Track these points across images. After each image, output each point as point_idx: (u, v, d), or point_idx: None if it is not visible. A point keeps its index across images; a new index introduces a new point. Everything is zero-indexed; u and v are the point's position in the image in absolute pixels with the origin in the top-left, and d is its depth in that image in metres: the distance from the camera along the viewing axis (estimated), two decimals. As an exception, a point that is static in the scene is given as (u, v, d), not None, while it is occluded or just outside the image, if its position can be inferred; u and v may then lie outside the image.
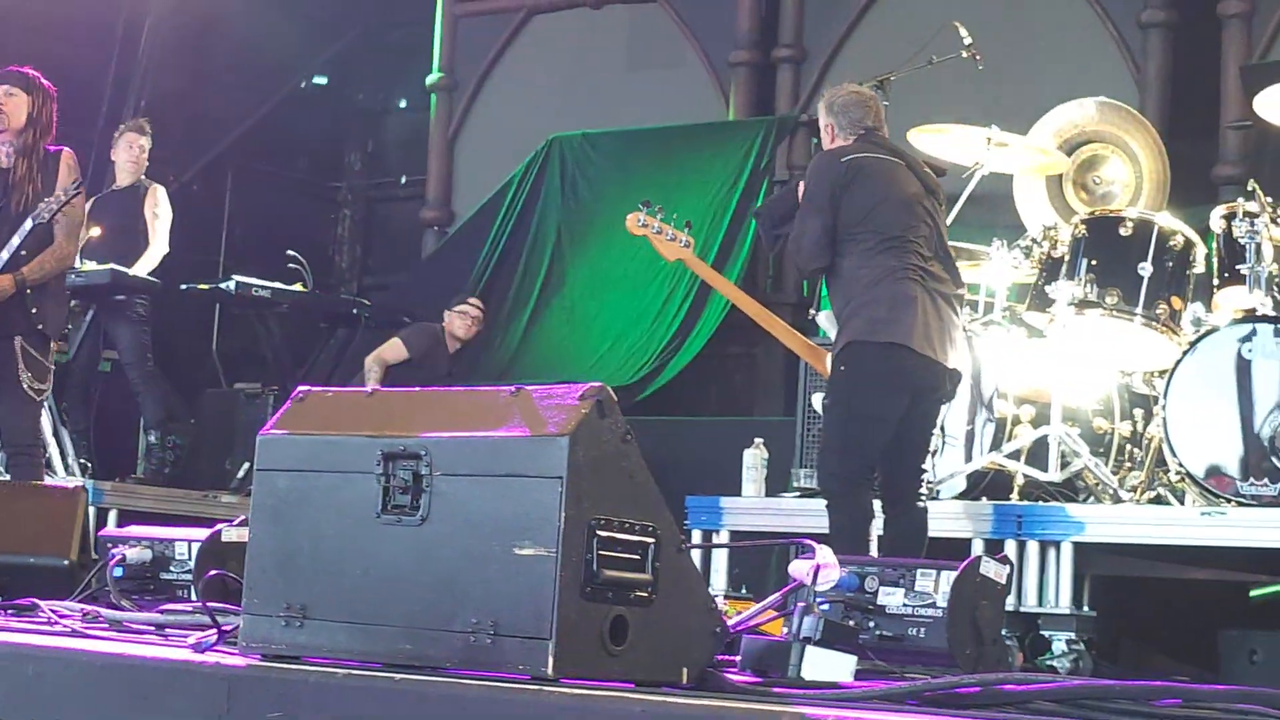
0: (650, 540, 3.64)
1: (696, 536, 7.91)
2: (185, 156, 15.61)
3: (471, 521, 3.56)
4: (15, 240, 6.82)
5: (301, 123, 17.42)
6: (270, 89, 17.03)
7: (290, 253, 10.30)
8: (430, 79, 14.66)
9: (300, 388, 4.01)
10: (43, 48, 12.85)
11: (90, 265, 9.58)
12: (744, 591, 7.72)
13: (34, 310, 7.08)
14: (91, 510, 7.58)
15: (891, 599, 4.75)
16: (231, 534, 4.84)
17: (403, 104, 16.64)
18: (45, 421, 8.64)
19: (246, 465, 9.95)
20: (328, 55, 17.07)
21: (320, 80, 17.22)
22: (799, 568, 4.12)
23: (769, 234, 6.96)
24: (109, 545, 5.13)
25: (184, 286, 10.24)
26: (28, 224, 6.84)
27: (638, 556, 3.61)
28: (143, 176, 10.12)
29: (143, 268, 9.83)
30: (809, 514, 7.36)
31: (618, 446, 3.60)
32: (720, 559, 7.95)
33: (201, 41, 15.75)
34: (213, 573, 4.38)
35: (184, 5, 14.57)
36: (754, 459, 8.19)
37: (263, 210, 17.13)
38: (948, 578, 4.71)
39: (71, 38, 13.96)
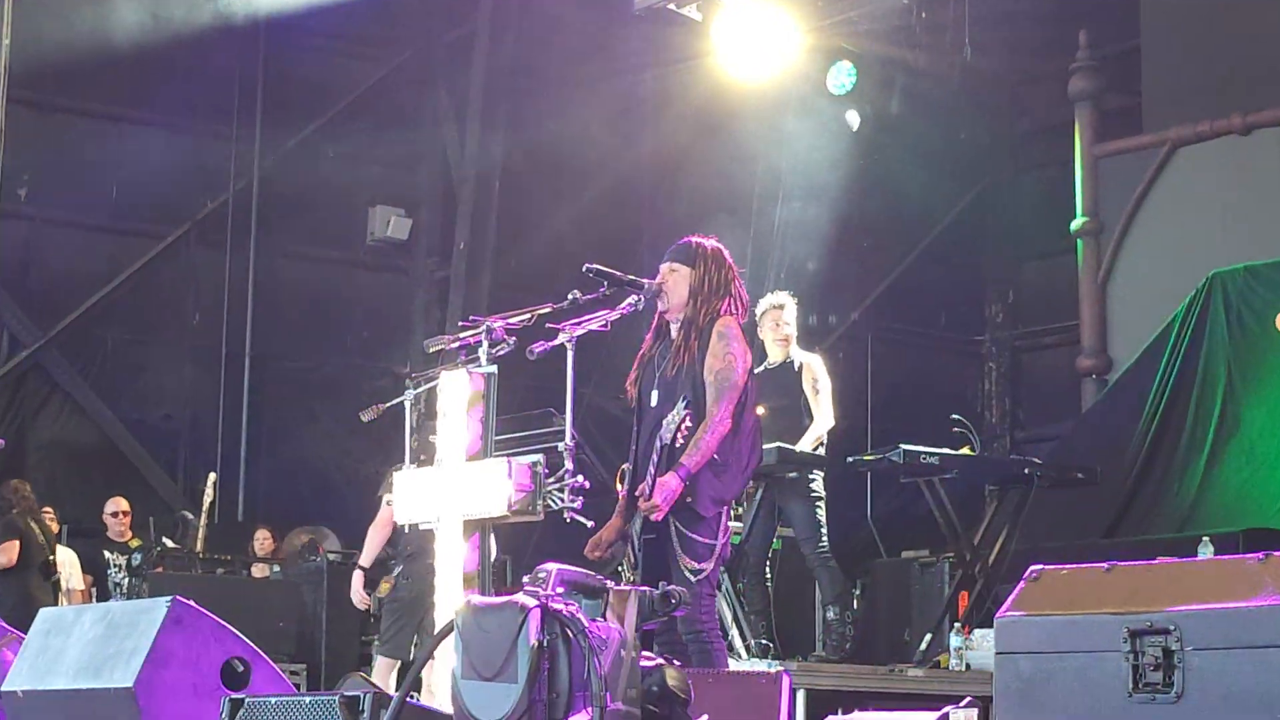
0: None
1: None
2: (821, 325, 16.22)
3: (1230, 696, 3.58)
4: (666, 436, 6.96)
5: (938, 278, 17.81)
6: (904, 247, 17.51)
7: (955, 416, 10.49)
8: (1075, 224, 14.69)
9: (1034, 567, 4.15)
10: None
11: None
12: None
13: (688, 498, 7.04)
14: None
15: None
16: (959, 715, 4.98)
17: (1041, 250, 16.70)
18: (722, 603, 8.97)
19: (929, 637, 10.06)
20: (960, 207, 17.42)
21: (954, 234, 17.53)
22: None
23: None
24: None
25: (849, 459, 10.54)
26: (657, 443, 6.90)
27: None
28: (792, 349, 10.30)
29: (808, 442, 10.10)
30: None
31: (1383, 612, 3.58)
32: None
33: (832, 211, 16.32)
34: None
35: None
36: None
37: (905, 371, 17.56)
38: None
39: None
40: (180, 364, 15.34)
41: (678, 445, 6.98)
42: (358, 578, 10.44)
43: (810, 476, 10.09)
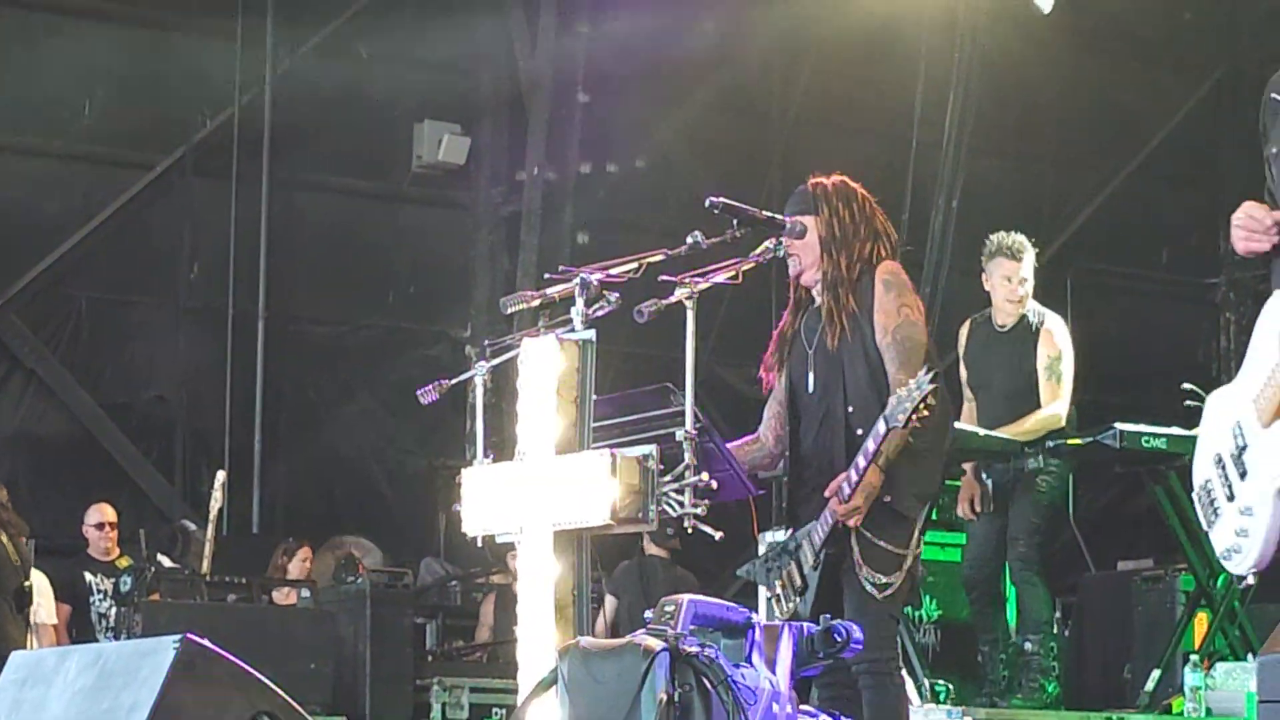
0: None
1: None
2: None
3: None
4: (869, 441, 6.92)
5: (1157, 202, 17.67)
6: (1114, 163, 17.39)
7: (1187, 385, 10.36)
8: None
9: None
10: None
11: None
12: None
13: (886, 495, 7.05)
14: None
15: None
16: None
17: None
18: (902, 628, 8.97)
19: (1157, 674, 10.03)
20: (1186, 108, 17.29)
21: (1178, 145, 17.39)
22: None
23: None
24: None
25: (1049, 442, 10.45)
26: (880, 425, 7.01)
27: None
28: (1029, 307, 10.21)
29: (1031, 429, 10.06)
30: None
31: None
32: None
33: (1019, 119, 16.23)
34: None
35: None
36: None
37: (1117, 324, 17.42)
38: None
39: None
40: (175, 330, 15.45)
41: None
42: None
43: (1041, 466, 10.15)
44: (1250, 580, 6.36)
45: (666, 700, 3.54)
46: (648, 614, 3.73)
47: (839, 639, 3.98)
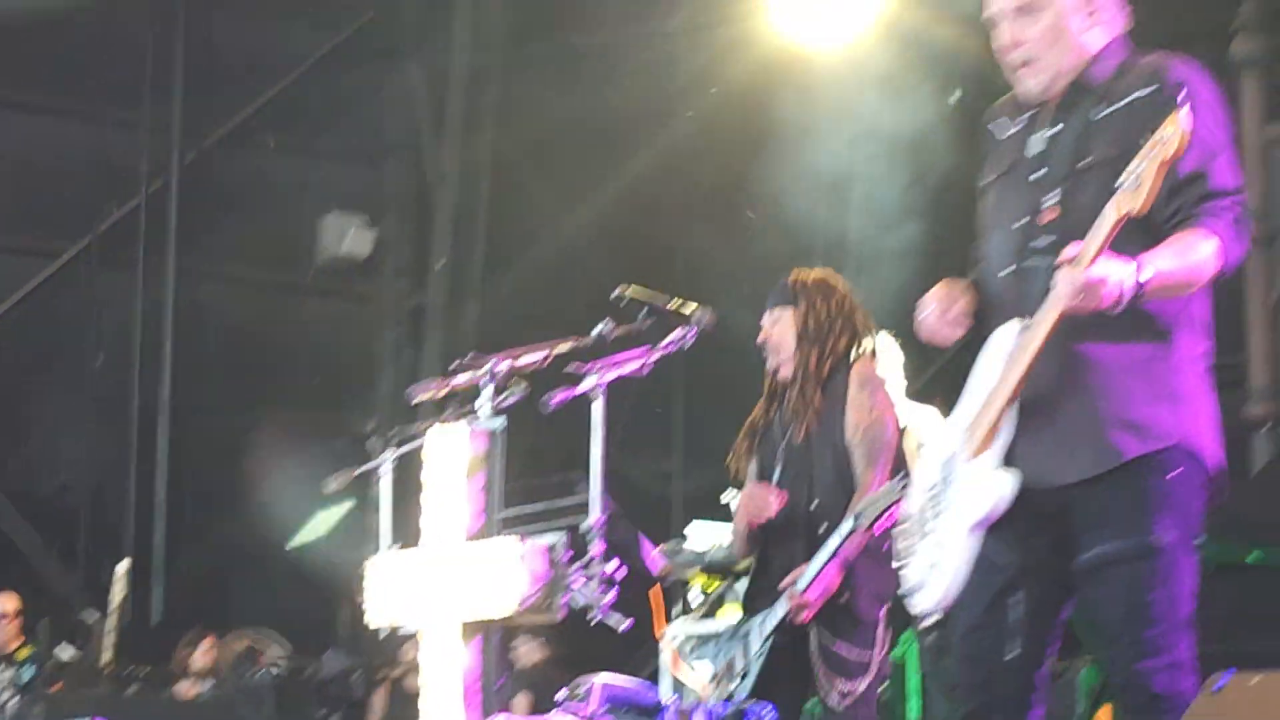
0: None
1: None
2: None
3: None
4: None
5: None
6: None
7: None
8: (1238, 236, 14.66)
9: (1219, 675, 4.12)
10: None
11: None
12: None
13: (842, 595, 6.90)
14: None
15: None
16: None
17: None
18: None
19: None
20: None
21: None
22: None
23: None
24: None
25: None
26: (846, 524, 6.72)
27: None
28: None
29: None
30: None
31: None
32: None
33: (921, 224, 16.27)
34: None
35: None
36: None
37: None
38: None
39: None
40: (79, 419, 15.33)
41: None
42: None
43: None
44: (935, 618, 6.24)
45: (580, 788, 3.52)
46: (559, 695, 3.72)
47: (750, 723, 3.97)
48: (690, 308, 7.25)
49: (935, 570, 5.16)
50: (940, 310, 5.20)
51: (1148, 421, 5.01)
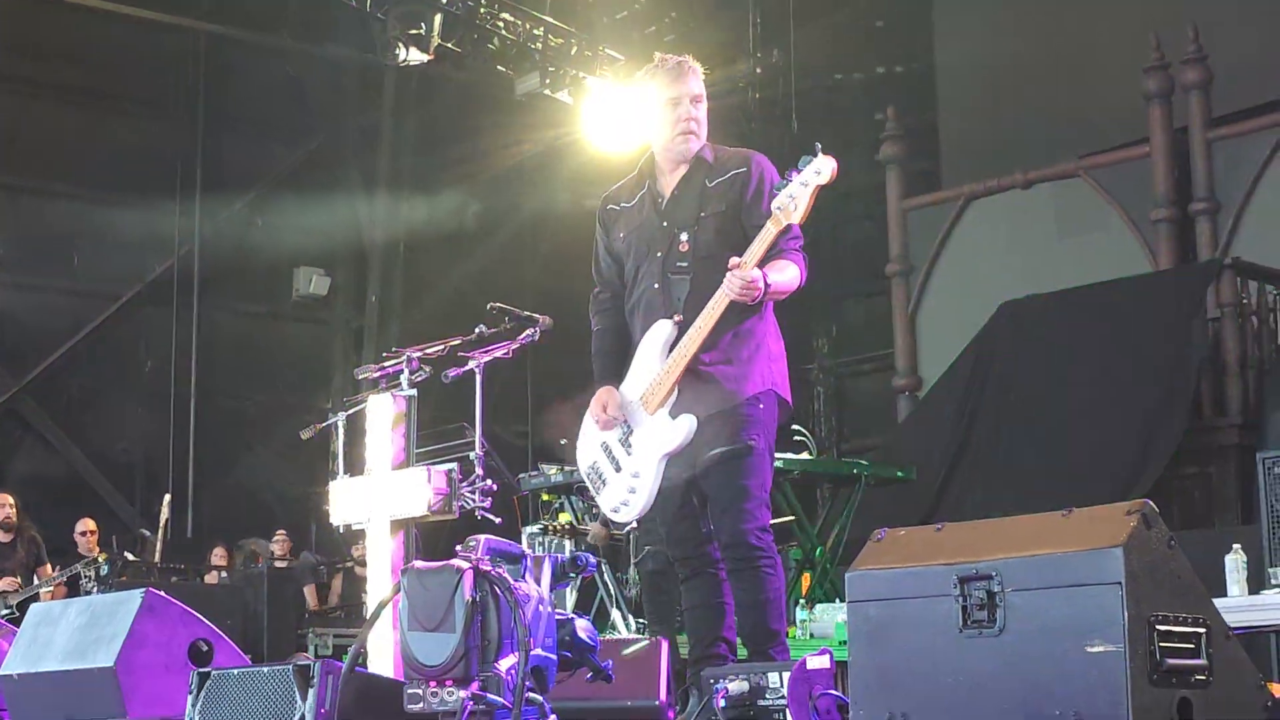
0: (1202, 630, 3.68)
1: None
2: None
3: (1045, 628, 3.63)
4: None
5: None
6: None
7: (795, 427, 10.57)
8: (888, 267, 14.87)
9: (879, 531, 4.21)
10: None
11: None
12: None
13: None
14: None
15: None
16: (814, 661, 5.00)
17: (858, 291, 16.76)
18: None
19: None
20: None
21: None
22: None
23: None
24: (712, 681, 5.32)
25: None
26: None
27: (1193, 645, 3.66)
28: None
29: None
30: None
31: (1164, 552, 3.67)
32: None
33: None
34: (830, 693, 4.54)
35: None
36: (1235, 563, 7.96)
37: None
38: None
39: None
40: (135, 405, 15.17)
41: None
42: None
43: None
44: (633, 526, 6.01)
45: (471, 601, 3.53)
46: (458, 546, 3.73)
47: (580, 565, 4.00)
48: (535, 317, 7.26)
49: (634, 494, 5.04)
50: (605, 419, 5.11)
51: (752, 374, 5.05)
